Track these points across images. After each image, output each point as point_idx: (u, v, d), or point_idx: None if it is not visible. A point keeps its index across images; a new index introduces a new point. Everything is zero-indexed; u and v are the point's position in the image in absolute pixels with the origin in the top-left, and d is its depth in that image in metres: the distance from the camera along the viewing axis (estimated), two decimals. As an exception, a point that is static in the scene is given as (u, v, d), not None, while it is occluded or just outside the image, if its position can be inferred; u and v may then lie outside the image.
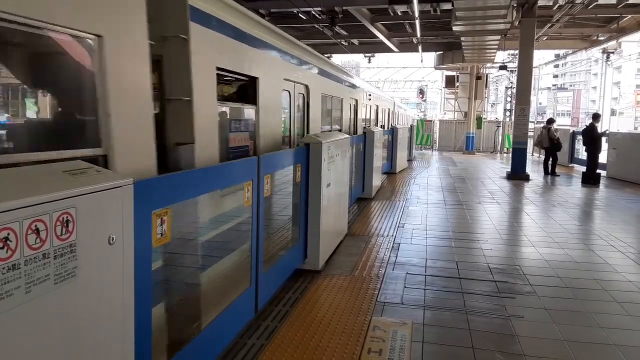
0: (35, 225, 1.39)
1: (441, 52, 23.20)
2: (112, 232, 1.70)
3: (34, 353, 1.42)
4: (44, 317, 1.44)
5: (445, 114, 32.35)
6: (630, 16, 15.52)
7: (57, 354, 1.51)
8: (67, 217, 1.50)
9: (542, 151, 15.21)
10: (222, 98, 4.27)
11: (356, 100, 10.08)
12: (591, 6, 13.77)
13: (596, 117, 13.21)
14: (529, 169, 13.83)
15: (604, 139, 13.28)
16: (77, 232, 1.54)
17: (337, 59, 20.81)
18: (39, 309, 1.42)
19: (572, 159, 16.65)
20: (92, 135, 2.17)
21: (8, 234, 1.30)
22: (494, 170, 15.69)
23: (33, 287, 1.40)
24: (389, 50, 21.23)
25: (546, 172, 14.13)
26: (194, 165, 3.09)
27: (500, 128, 24.64)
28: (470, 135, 24.21)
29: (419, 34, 16.72)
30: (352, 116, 9.84)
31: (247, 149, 4.38)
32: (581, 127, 17.12)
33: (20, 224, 1.34)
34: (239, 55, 3.97)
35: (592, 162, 12.51)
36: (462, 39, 16.12)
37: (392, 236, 6.43)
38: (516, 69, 14.87)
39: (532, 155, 20.18)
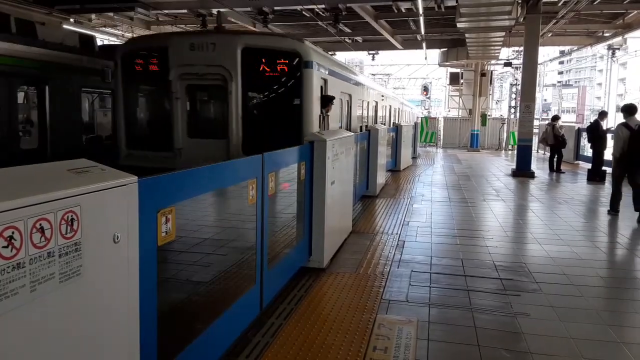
0: (40, 224, 1.39)
1: (445, 49, 23.09)
2: (117, 231, 1.69)
3: (39, 351, 1.42)
4: (49, 315, 1.44)
5: (449, 111, 32.29)
6: (636, 12, 15.38)
7: (62, 352, 1.51)
8: (72, 215, 1.49)
9: (547, 148, 15.13)
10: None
11: (390, 106, 15.98)
12: (596, 2, 13.68)
13: (602, 114, 13.12)
14: (534, 166, 13.76)
15: (609, 135, 13.18)
16: (82, 231, 1.54)
17: (341, 56, 20.87)
18: (43, 307, 1.42)
19: (578, 156, 16.55)
20: None
21: (13, 232, 1.30)
22: (498, 167, 15.63)
23: (38, 286, 1.39)
24: (393, 47, 21.17)
25: (551, 169, 14.05)
26: None
27: (505, 125, 24.50)
28: (475, 132, 24.07)
29: (423, 31, 16.66)
30: (388, 114, 15.69)
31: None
32: (586, 124, 17.02)
33: (25, 222, 1.34)
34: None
35: (597, 159, 12.42)
36: (467, 35, 16.03)
37: (397, 234, 6.41)
38: (521, 66, 14.77)
39: (537, 152, 20.07)
